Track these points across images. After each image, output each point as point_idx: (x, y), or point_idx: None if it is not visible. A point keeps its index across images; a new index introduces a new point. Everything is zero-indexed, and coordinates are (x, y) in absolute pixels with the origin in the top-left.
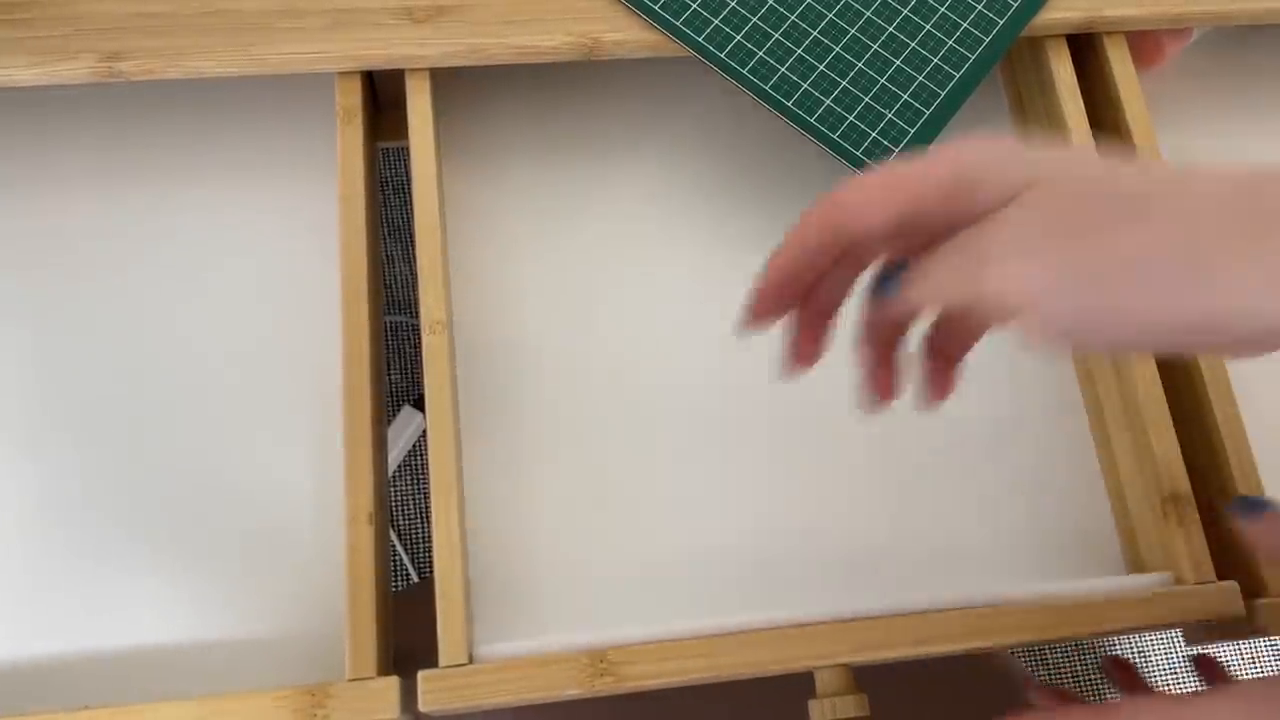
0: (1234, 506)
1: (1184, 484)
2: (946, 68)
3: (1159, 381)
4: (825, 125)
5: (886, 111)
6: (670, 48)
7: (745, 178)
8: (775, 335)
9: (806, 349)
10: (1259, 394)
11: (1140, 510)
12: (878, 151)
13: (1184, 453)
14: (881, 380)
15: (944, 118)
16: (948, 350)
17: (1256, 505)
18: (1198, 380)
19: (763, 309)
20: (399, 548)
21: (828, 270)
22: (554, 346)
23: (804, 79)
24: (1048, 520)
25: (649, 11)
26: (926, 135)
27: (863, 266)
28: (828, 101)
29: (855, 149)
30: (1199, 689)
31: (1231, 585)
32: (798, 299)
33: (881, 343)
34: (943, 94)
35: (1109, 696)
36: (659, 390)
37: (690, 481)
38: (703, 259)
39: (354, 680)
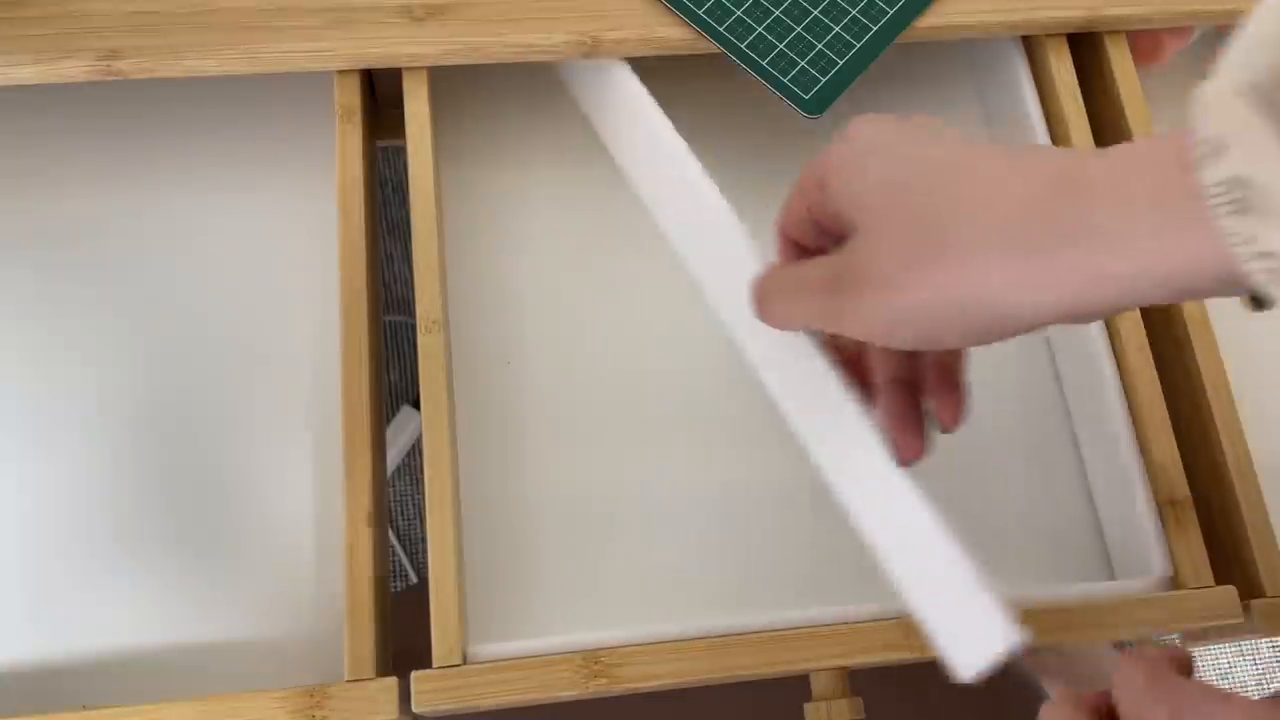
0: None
1: (1182, 487)
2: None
3: (1158, 384)
4: (756, 53)
5: (816, 42)
6: (670, 46)
7: (744, 177)
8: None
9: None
10: (1258, 397)
11: (1138, 514)
12: (805, 80)
13: (1182, 456)
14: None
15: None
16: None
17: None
18: (1196, 383)
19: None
20: (398, 548)
21: None
22: (551, 346)
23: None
24: (1044, 524)
25: None
26: (856, 68)
27: None
28: (759, 29)
29: (783, 76)
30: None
31: (1229, 589)
32: None
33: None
34: (874, 28)
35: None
36: (655, 391)
37: (686, 483)
38: None
39: (352, 681)
